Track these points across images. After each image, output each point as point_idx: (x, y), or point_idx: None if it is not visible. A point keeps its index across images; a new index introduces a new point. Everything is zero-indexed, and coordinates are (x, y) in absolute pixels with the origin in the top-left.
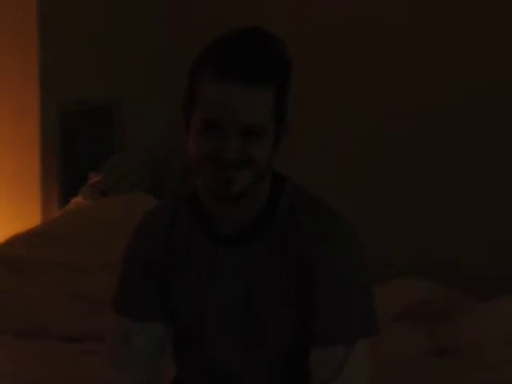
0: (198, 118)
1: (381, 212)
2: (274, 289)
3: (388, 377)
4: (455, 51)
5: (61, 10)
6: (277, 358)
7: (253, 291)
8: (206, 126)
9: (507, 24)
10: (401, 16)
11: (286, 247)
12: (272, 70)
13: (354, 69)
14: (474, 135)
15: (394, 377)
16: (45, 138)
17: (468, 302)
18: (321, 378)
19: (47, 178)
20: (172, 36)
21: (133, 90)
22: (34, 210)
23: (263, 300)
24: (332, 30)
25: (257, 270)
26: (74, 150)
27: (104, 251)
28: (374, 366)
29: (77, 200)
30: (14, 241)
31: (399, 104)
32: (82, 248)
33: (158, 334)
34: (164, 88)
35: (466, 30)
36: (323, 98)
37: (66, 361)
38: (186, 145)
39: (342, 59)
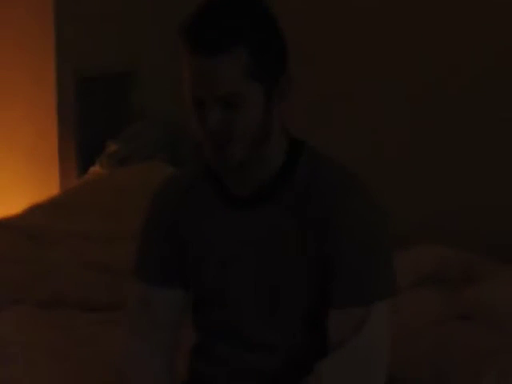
0: (189, 94)
1: (400, 178)
2: (289, 251)
3: (409, 341)
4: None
5: None
6: (296, 320)
7: (268, 253)
8: (194, 103)
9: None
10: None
11: (305, 209)
12: (239, 30)
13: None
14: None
15: (415, 341)
16: (62, 106)
17: (490, 267)
18: (337, 339)
19: (65, 147)
20: (192, 2)
21: (151, 58)
22: (53, 179)
23: (278, 262)
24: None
25: (273, 232)
26: (92, 118)
27: (122, 221)
28: (395, 330)
29: (95, 169)
30: (33, 210)
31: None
32: (100, 218)
33: (177, 301)
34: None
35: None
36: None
37: (85, 331)
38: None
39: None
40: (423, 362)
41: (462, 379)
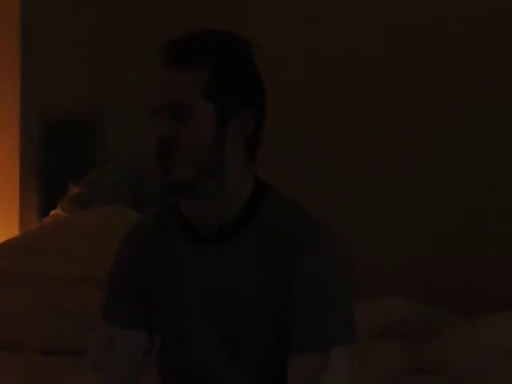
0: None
1: (363, 229)
2: (248, 295)
3: None
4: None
5: (45, 19)
6: (257, 366)
7: (229, 295)
8: (153, 117)
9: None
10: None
11: (266, 252)
12: (203, 52)
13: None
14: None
15: None
16: (25, 148)
17: (448, 321)
18: None
19: (27, 189)
20: (156, 49)
21: (115, 103)
22: (13, 220)
23: (239, 304)
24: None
25: (233, 273)
26: (55, 162)
27: (82, 264)
28: (356, 381)
29: (56, 212)
30: None
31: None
32: (59, 260)
33: (141, 343)
34: (146, 101)
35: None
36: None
37: (43, 374)
38: None
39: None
40: None
41: None
